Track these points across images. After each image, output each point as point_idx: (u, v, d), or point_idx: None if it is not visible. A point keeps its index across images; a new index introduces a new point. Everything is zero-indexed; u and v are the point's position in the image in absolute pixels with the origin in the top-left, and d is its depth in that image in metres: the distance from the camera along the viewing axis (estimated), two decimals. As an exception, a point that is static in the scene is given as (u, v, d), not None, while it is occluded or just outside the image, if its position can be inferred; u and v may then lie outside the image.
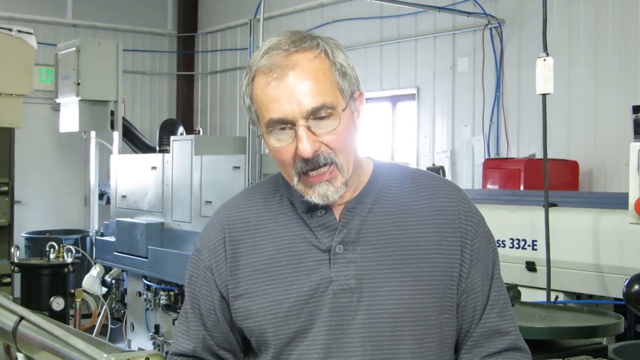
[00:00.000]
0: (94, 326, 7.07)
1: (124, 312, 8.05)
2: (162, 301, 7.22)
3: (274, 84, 1.60)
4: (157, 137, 10.74)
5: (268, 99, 1.62)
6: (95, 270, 6.96)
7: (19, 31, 7.80)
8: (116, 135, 9.59)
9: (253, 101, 1.66)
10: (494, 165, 7.66)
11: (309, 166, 1.63)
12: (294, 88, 1.60)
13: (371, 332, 1.69)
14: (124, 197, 8.38)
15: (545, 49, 4.51)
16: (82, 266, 7.23)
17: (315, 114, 1.61)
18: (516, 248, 4.98)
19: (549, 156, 4.73)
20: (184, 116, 13.04)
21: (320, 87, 1.61)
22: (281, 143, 1.64)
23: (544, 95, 4.51)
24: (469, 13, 8.54)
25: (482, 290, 1.77)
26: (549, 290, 4.45)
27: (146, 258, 7.28)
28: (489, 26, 8.56)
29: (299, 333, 1.71)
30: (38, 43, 8.01)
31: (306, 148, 1.60)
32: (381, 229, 1.73)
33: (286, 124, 1.61)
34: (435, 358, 1.75)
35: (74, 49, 9.01)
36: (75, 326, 5.13)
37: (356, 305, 1.69)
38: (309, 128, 1.61)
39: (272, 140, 1.66)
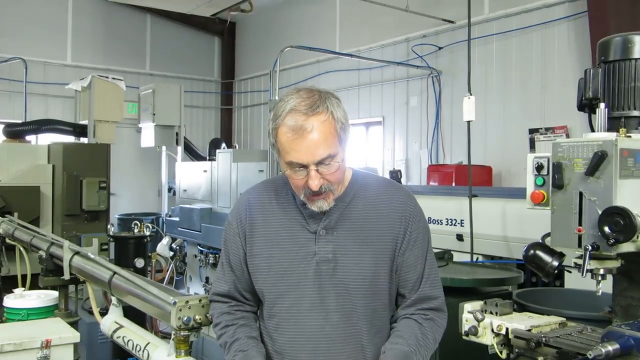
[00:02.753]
0: (164, 278, 7.06)
1: (185, 269, 8.03)
2: (210, 261, 7.20)
3: (297, 141, 1.58)
4: (207, 150, 10.74)
5: (291, 148, 1.60)
6: (165, 240, 6.95)
7: (113, 78, 7.80)
8: (179, 149, 9.59)
9: (277, 142, 1.64)
10: (435, 169, 7.66)
11: (314, 192, 1.64)
12: (310, 145, 1.59)
13: (342, 289, 1.69)
14: (185, 190, 8.37)
15: (469, 90, 4.51)
16: (156, 237, 7.20)
17: (322, 162, 1.60)
18: (450, 225, 4.97)
19: (472, 163, 4.72)
20: (226, 136, 13.06)
21: (328, 143, 1.60)
22: (296, 175, 1.64)
23: (468, 121, 4.50)
24: (417, 66, 8.55)
25: (414, 267, 1.77)
26: (472, 253, 4.45)
27: (200, 232, 7.26)
28: (432, 75, 8.56)
29: (290, 288, 1.70)
30: (126, 86, 8.01)
31: (315, 184, 1.62)
32: (352, 220, 1.74)
33: (302, 166, 1.60)
34: (384, 310, 1.77)
35: (151, 90, 9.01)
36: (151, 278, 5.10)
37: (332, 271, 1.69)
38: (317, 170, 1.60)
39: (289, 171, 1.65)
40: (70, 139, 8.00)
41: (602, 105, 2.21)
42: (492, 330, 2.27)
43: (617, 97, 2.30)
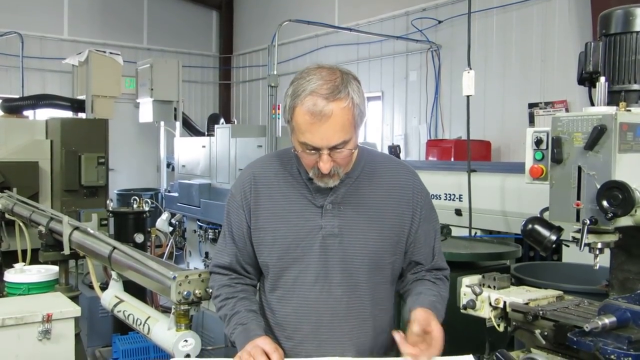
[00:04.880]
0: (164, 253, 7.08)
1: (184, 244, 8.06)
2: (209, 236, 7.22)
3: (314, 125, 1.56)
4: (206, 125, 10.70)
5: (307, 130, 1.58)
6: (165, 215, 6.95)
7: (111, 53, 7.72)
8: (178, 124, 9.57)
9: (292, 121, 1.61)
10: (434, 144, 7.65)
11: (323, 174, 1.64)
12: (328, 131, 1.56)
13: (347, 264, 1.70)
14: (183, 166, 8.36)
15: (469, 64, 4.47)
16: (156, 213, 7.21)
17: (335, 147, 1.59)
18: (448, 200, 4.98)
19: (471, 137, 4.70)
20: (224, 111, 13.00)
21: (344, 130, 1.58)
22: (307, 155, 1.62)
23: (467, 96, 4.47)
24: (417, 40, 8.47)
25: (426, 242, 1.81)
26: (470, 228, 4.46)
27: (199, 207, 7.27)
28: (431, 49, 8.50)
29: (295, 261, 1.70)
30: (124, 61, 7.93)
31: (326, 167, 1.61)
32: (359, 196, 1.73)
33: (315, 149, 1.59)
34: (386, 284, 1.79)
35: (149, 65, 8.94)
36: (150, 253, 5.12)
37: (338, 245, 1.69)
38: (329, 154, 1.60)
39: (300, 150, 1.63)
40: (68, 114, 7.96)
41: (602, 79, 2.19)
42: (490, 304, 2.29)
43: (617, 71, 2.28)
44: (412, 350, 1.51)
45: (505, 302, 2.26)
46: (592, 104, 2.29)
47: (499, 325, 2.28)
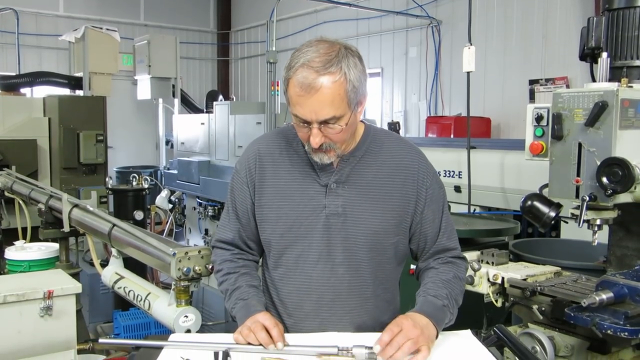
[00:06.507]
0: (164, 230, 7.10)
1: (184, 221, 8.09)
2: (209, 213, 7.25)
3: (303, 97, 1.54)
4: (204, 102, 10.64)
5: (297, 103, 1.56)
6: (164, 193, 6.95)
7: (107, 29, 7.64)
8: (176, 101, 9.51)
9: (287, 92, 1.60)
10: (433, 121, 7.62)
11: (315, 148, 1.61)
12: (315, 105, 1.53)
13: (349, 243, 1.69)
14: (182, 143, 8.34)
15: (469, 40, 4.43)
16: (155, 190, 7.22)
17: (326, 122, 1.56)
18: (448, 177, 4.99)
19: (471, 114, 4.69)
20: (223, 88, 12.93)
21: (335, 105, 1.54)
22: (301, 129, 1.61)
23: (468, 72, 4.45)
24: (417, 16, 8.39)
25: (433, 221, 1.77)
26: (469, 205, 4.47)
27: (198, 184, 7.28)
28: (431, 25, 8.42)
29: (298, 239, 1.70)
30: (121, 37, 7.86)
31: (315, 142, 1.58)
32: (363, 175, 1.71)
33: (305, 122, 1.58)
34: (390, 264, 1.78)
35: (146, 41, 8.86)
36: (150, 230, 5.14)
37: (341, 224, 1.69)
38: (319, 128, 1.57)
39: (295, 121, 1.62)
40: (65, 91, 7.90)
41: (604, 54, 2.18)
42: (488, 280, 2.31)
43: (619, 46, 2.26)
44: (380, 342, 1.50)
45: (503, 278, 2.28)
46: (594, 80, 2.28)
47: (496, 301, 2.30)
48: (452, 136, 6.90)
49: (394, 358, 1.48)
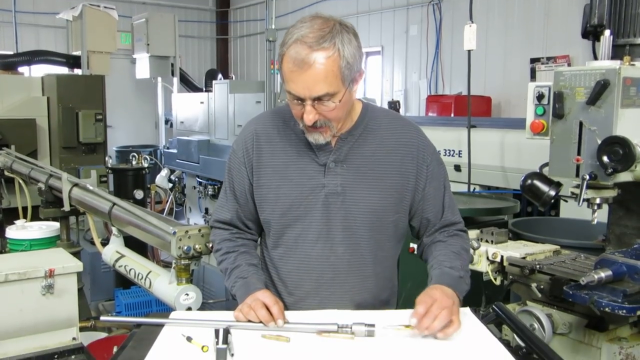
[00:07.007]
0: (164, 209, 7.12)
1: (184, 200, 8.10)
2: (209, 192, 7.26)
3: (296, 73, 1.52)
4: (204, 81, 10.59)
5: (290, 79, 1.54)
6: (164, 172, 6.96)
7: (105, 7, 7.58)
8: (175, 80, 9.47)
9: (281, 68, 1.58)
10: (434, 100, 7.59)
11: (309, 125, 1.60)
12: (308, 81, 1.52)
13: (349, 222, 1.69)
14: (182, 122, 8.32)
15: (470, 17, 4.39)
16: (155, 169, 7.21)
17: (320, 98, 1.55)
18: (448, 156, 4.98)
19: (471, 93, 4.67)
20: (222, 67, 12.85)
21: (328, 81, 1.53)
22: (294, 105, 1.60)
23: (469, 50, 4.42)
24: (418, -7, 8.31)
25: (435, 198, 1.78)
26: (469, 184, 4.47)
27: (198, 163, 7.27)
28: (432, 3, 8.34)
29: (298, 218, 1.70)
30: (118, 15, 7.80)
31: (309, 119, 1.57)
32: (361, 154, 1.71)
33: (299, 99, 1.56)
34: (390, 242, 1.78)
35: (144, 19, 8.79)
36: (150, 209, 5.15)
37: (340, 203, 1.69)
38: (313, 105, 1.56)
39: (289, 98, 1.60)
40: (63, 70, 7.86)
41: (607, 32, 2.15)
42: (488, 258, 2.32)
43: (623, 24, 2.24)
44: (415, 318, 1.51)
45: (502, 256, 2.29)
46: (596, 58, 2.26)
47: (495, 279, 2.32)
48: (452, 115, 6.88)
49: (431, 328, 1.49)
